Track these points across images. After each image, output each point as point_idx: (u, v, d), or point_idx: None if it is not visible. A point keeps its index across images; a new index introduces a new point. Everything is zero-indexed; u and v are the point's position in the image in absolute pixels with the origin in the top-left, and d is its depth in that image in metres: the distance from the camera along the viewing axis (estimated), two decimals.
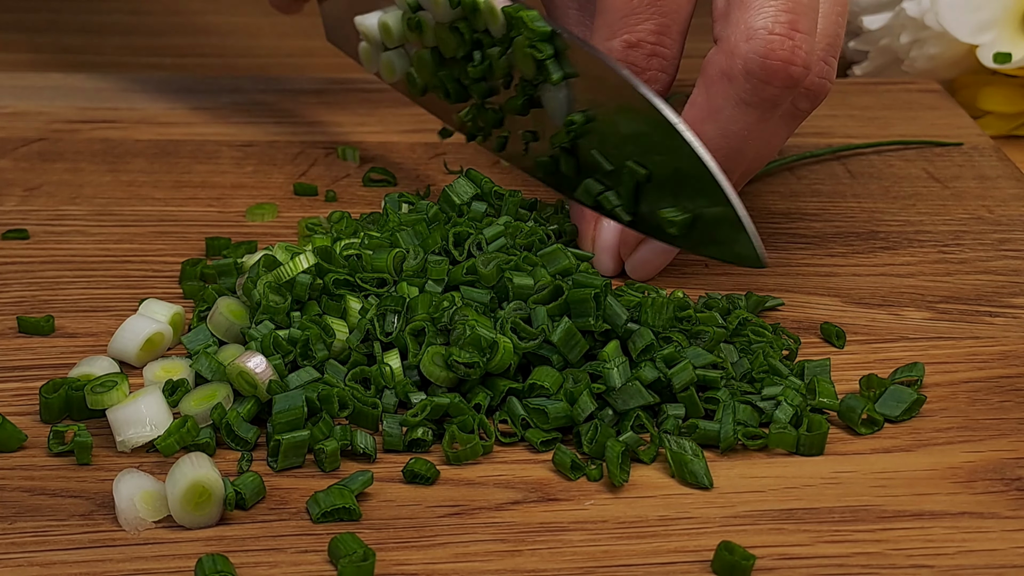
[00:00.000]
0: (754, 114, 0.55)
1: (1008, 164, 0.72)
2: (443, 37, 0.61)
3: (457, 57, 0.62)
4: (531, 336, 0.50)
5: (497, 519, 0.45)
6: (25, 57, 0.87)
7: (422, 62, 0.64)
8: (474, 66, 0.61)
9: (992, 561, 0.44)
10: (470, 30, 0.60)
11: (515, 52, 0.59)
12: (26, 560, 0.43)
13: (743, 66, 0.54)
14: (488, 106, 0.63)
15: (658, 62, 0.57)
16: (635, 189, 0.58)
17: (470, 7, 0.59)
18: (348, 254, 0.55)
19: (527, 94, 0.60)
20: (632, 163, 0.57)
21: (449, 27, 0.61)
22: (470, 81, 0.62)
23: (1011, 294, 0.60)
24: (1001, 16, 0.77)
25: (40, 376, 0.52)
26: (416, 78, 0.65)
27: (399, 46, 0.65)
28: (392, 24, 0.63)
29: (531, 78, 0.59)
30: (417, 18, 0.62)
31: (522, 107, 0.60)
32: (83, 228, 0.63)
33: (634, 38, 0.57)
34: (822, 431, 0.49)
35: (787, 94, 0.54)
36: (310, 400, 0.49)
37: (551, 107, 0.59)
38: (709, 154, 0.55)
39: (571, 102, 0.58)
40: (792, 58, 0.53)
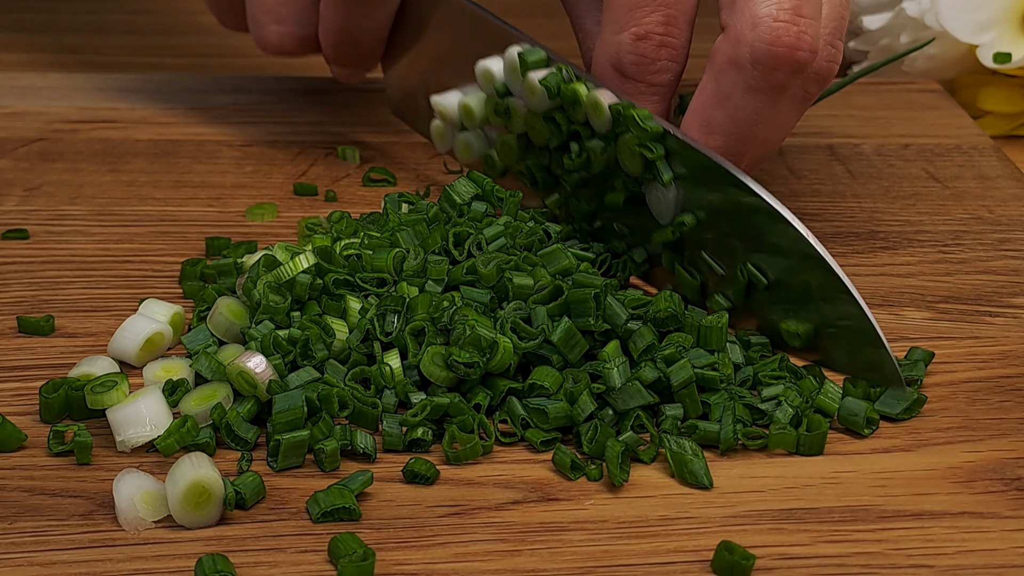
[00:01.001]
0: (762, 99, 0.55)
1: (1008, 164, 0.72)
2: (535, 126, 0.59)
3: (549, 146, 0.60)
4: (531, 336, 0.50)
5: (497, 519, 0.45)
6: (25, 57, 0.87)
7: (507, 148, 0.61)
8: (571, 159, 0.59)
9: (992, 561, 0.44)
10: (567, 121, 0.58)
11: (620, 149, 0.56)
12: (26, 560, 0.43)
13: (750, 53, 0.54)
14: (579, 196, 0.60)
15: (667, 52, 0.57)
16: (747, 292, 0.55)
17: (570, 99, 0.57)
18: (348, 254, 0.55)
19: (630, 191, 0.58)
20: (751, 267, 0.54)
21: (543, 117, 0.59)
22: (562, 172, 0.60)
23: (1011, 294, 0.60)
24: (1001, 16, 0.77)
25: (40, 376, 0.52)
26: (497, 161, 0.62)
27: (479, 128, 0.62)
28: (475, 107, 0.61)
29: (636, 175, 0.57)
30: (506, 104, 0.60)
31: (623, 205, 0.58)
32: (83, 228, 0.63)
33: (642, 30, 0.57)
34: (822, 431, 0.49)
35: (794, 79, 0.55)
36: (310, 400, 0.49)
37: (657, 207, 0.57)
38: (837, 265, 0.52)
39: (680, 202, 0.56)
40: (798, 44, 0.54)
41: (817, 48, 0.55)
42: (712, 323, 0.52)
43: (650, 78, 0.57)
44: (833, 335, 0.53)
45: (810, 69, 0.55)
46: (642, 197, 0.57)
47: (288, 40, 0.67)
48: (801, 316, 0.54)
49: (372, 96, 0.78)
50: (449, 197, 0.58)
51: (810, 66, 0.55)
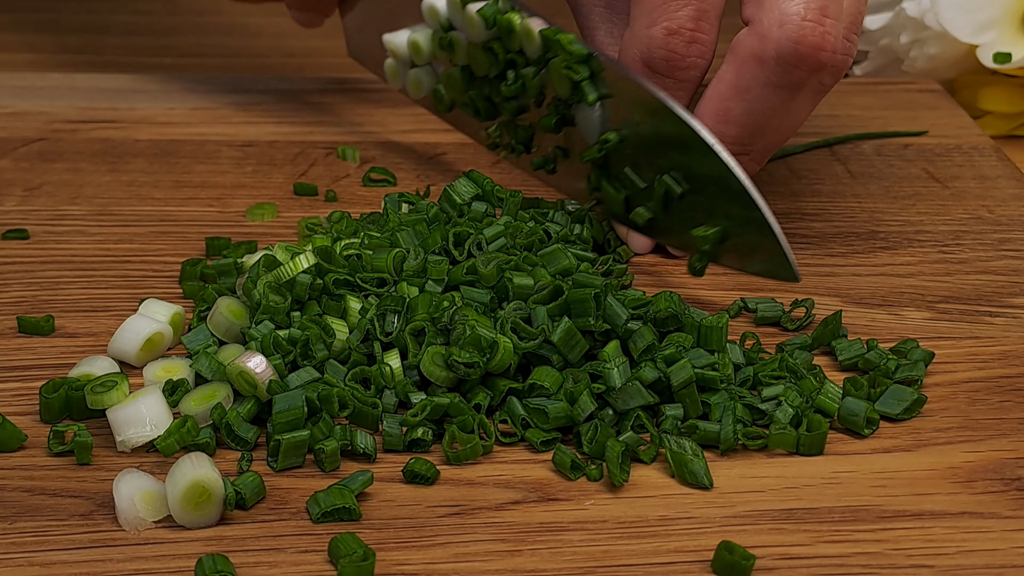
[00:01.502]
0: (781, 95, 0.57)
1: (1008, 164, 0.72)
2: (476, 56, 0.62)
3: (489, 76, 0.63)
4: (531, 336, 0.50)
5: (497, 519, 0.45)
6: (25, 57, 0.87)
7: (452, 80, 0.64)
8: (507, 85, 0.62)
9: (992, 561, 0.44)
10: (504, 50, 0.61)
11: (550, 73, 0.60)
12: (26, 560, 0.43)
13: (775, 50, 0.56)
14: (518, 123, 0.64)
15: (697, 48, 0.58)
16: (665, 203, 0.59)
17: (505, 28, 0.60)
18: (348, 254, 0.55)
19: (560, 113, 0.61)
20: (668, 178, 0.58)
21: (482, 47, 0.62)
22: (501, 99, 0.63)
23: (1011, 294, 0.60)
24: (1001, 16, 0.77)
25: (40, 376, 0.52)
26: (444, 95, 0.66)
27: (427, 63, 0.66)
28: (422, 42, 0.64)
29: (566, 98, 0.60)
30: (449, 37, 0.63)
31: (555, 126, 0.61)
32: (83, 228, 0.63)
33: (674, 25, 0.58)
34: (822, 431, 0.49)
35: (813, 77, 0.56)
36: (310, 400, 0.49)
37: (585, 126, 0.60)
38: (742, 170, 0.56)
39: (605, 121, 0.59)
40: (822, 44, 0.55)
41: (839, 48, 0.56)
42: (712, 323, 0.52)
43: (679, 74, 0.59)
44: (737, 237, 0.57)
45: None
46: (572, 119, 0.60)
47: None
48: (710, 221, 0.57)
49: (372, 96, 0.78)
50: (449, 197, 0.59)
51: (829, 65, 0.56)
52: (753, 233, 0.56)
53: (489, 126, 0.65)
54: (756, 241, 0.56)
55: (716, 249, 0.58)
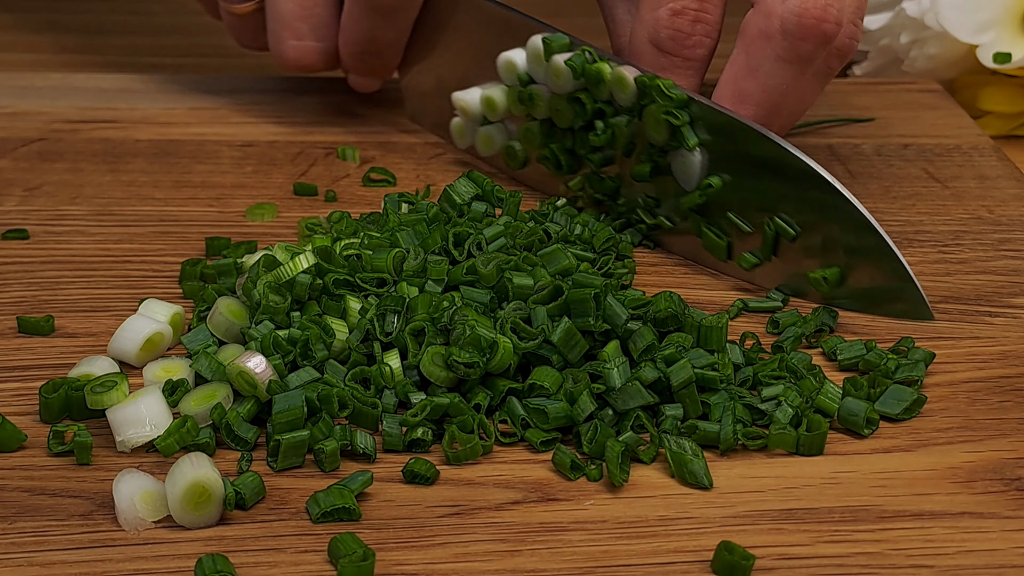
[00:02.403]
0: (791, 70, 0.58)
1: (1008, 164, 0.72)
2: (560, 108, 0.62)
3: (573, 128, 0.62)
4: (531, 336, 0.50)
5: (497, 519, 0.45)
6: (25, 57, 0.87)
7: (530, 135, 0.64)
8: (596, 135, 0.61)
9: (992, 561, 0.44)
10: (591, 100, 0.61)
11: (646, 120, 0.59)
12: (26, 560, 0.43)
13: (780, 25, 0.58)
14: (603, 175, 0.63)
15: (702, 27, 0.60)
16: (774, 246, 0.58)
17: (594, 78, 0.60)
18: (348, 254, 0.55)
19: (654, 161, 0.60)
20: (779, 220, 0.57)
21: (568, 98, 0.61)
22: (586, 151, 0.62)
23: (1011, 294, 0.60)
24: (1001, 16, 0.77)
25: (40, 376, 0.52)
26: (518, 151, 0.65)
27: (500, 120, 0.65)
28: (498, 99, 0.64)
29: (661, 145, 0.59)
30: (529, 91, 0.62)
31: (649, 174, 0.60)
32: (83, 228, 0.63)
33: (679, 5, 0.60)
34: (822, 431, 0.49)
35: (821, 50, 0.58)
36: (310, 400, 0.49)
37: (683, 172, 0.59)
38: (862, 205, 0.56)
39: (705, 166, 0.59)
40: (825, 15, 0.57)
41: (842, 21, 0.58)
42: (712, 323, 0.52)
43: (686, 52, 0.60)
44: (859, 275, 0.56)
45: (833, 44, 0.58)
46: (666, 167, 0.60)
47: (308, 55, 0.69)
48: (827, 262, 0.57)
49: (372, 96, 0.78)
50: (449, 197, 0.59)
51: (835, 39, 0.58)
52: (877, 268, 0.55)
53: (570, 179, 0.64)
54: (881, 277, 0.55)
55: (837, 292, 0.57)
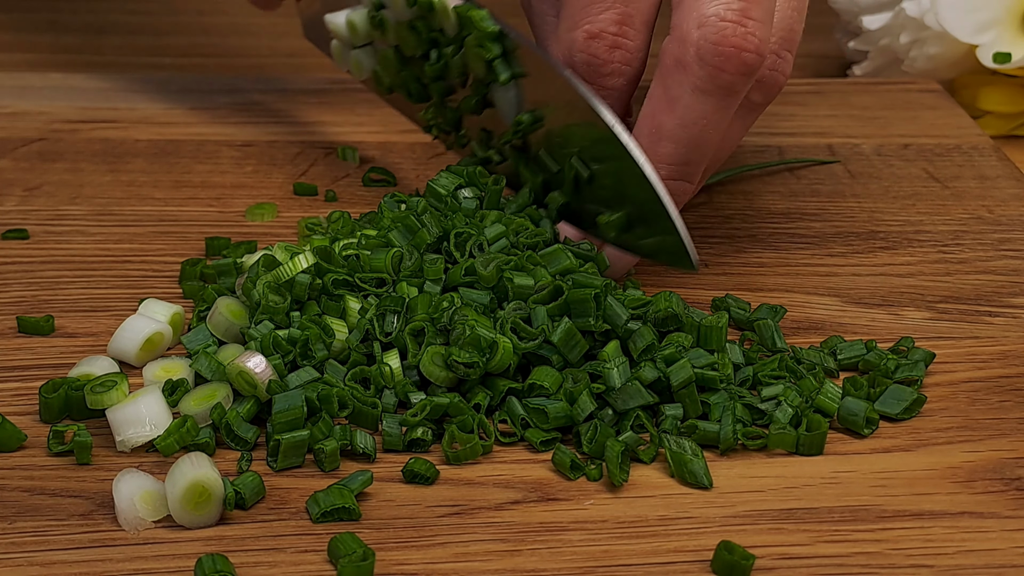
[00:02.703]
0: (711, 102, 0.54)
1: (1008, 164, 0.72)
2: (403, 36, 0.62)
3: (417, 56, 0.63)
4: (531, 336, 0.50)
5: (497, 519, 0.45)
6: (25, 57, 0.87)
7: (386, 60, 0.65)
8: (431, 65, 0.62)
9: (992, 561, 0.44)
10: (427, 29, 0.61)
11: (466, 51, 0.59)
12: (26, 560, 0.43)
13: (696, 52, 0.53)
14: (448, 105, 0.64)
15: (621, 54, 0.56)
16: (575, 188, 0.58)
17: (426, 6, 0.60)
18: (347, 254, 0.55)
19: (480, 93, 0.61)
20: (575, 161, 0.57)
21: (408, 26, 0.62)
22: (428, 80, 0.63)
23: (1011, 294, 0.60)
24: (1001, 16, 0.77)
25: (40, 376, 0.52)
26: (383, 76, 0.66)
27: (367, 44, 0.66)
28: (358, 22, 0.64)
29: (482, 78, 0.60)
30: (380, 16, 0.63)
31: (476, 106, 0.61)
32: (83, 228, 0.63)
33: (595, 28, 0.56)
34: (822, 431, 0.49)
35: (742, 81, 0.54)
36: (310, 400, 0.49)
37: (502, 106, 0.60)
38: (645, 156, 0.55)
39: (521, 102, 0.59)
40: (745, 44, 0.53)
41: (765, 51, 0.54)
42: (712, 323, 0.52)
43: (602, 80, 0.57)
44: (641, 226, 0.56)
45: (755, 77, 0.54)
46: (492, 100, 0.60)
47: None
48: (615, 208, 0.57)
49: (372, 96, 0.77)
50: (433, 191, 0.59)
51: (757, 69, 0.54)
52: (655, 220, 0.55)
53: (423, 108, 0.65)
54: (658, 228, 0.55)
55: (621, 237, 0.57)
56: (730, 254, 0.62)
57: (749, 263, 0.62)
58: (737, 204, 0.67)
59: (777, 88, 0.56)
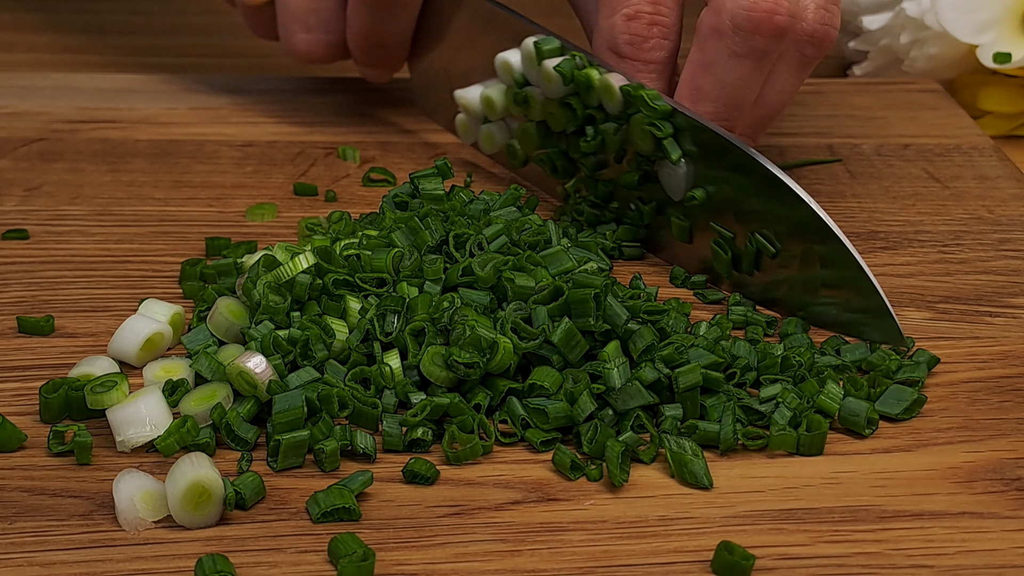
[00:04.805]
0: (747, 64, 0.58)
1: (1008, 164, 0.72)
2: (552, 112, 0.62)
3: (566, 132, 0.62)
4: (531, 336, 0.50)
5: (497, 519, 0.45)
6: (25, 57, 0.87)
7: (527, 136, 0.64)
8: (587, 141, 0.61)
9: (992, 561, 0.44)
10: (582, 106, 0.61)
11: (632, 129, 0.59)
12: (26, 560, 0.43)
13: (730, 20, 0.57)
14: (597, 178, 0.63)
15: (659, 30, 0.60)
16: (756, 262, 0.58)
17: (584, 84, 0.60)
18: (348, 254, 0.55)
19: (643, 169, 0.60)
20: (760, 237, 0.57)
21: (559, 103, 0.61)
22: (579, 155, 0.63)
23: (1011, 294, 0.60)
24: (1001, 16, 0.77)
25: (40, 376, 0.52)
26: (518, 150, 0.65)
27: (501, 119, 0.65)
28: (496, 98, 0.64)
29: (648, 154, 0.59)
30: (524, 93, 0.62)
31: (638, 183, 0.60)
32: (83, 228, 0.63)
33: (632, 10, 0.60)
34: (822, 431, 0.49)
35: (775, 43, 0.58)
36: (310, 400, 0.49)
37: (669, 183, 0.59)
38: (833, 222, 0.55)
39: (690, 178, 0.58)
40: (776, 8, 0.57)
41: (796, 12, 0.57)
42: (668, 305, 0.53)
43: (645, 55, 0.60)
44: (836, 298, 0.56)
45: (802, 32, 0.58)
46: (655, 175, 0.60)
47: (317, 47, 0.70)
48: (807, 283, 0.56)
49: (372, 96, 0.78)
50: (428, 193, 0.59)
51: (796, 29, 0.58)
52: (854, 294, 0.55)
53: (566, 182, 0.64)
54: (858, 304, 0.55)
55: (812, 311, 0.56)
56: None
57: None
58: None
59: (829, 41, 0.59)
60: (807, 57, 0.59)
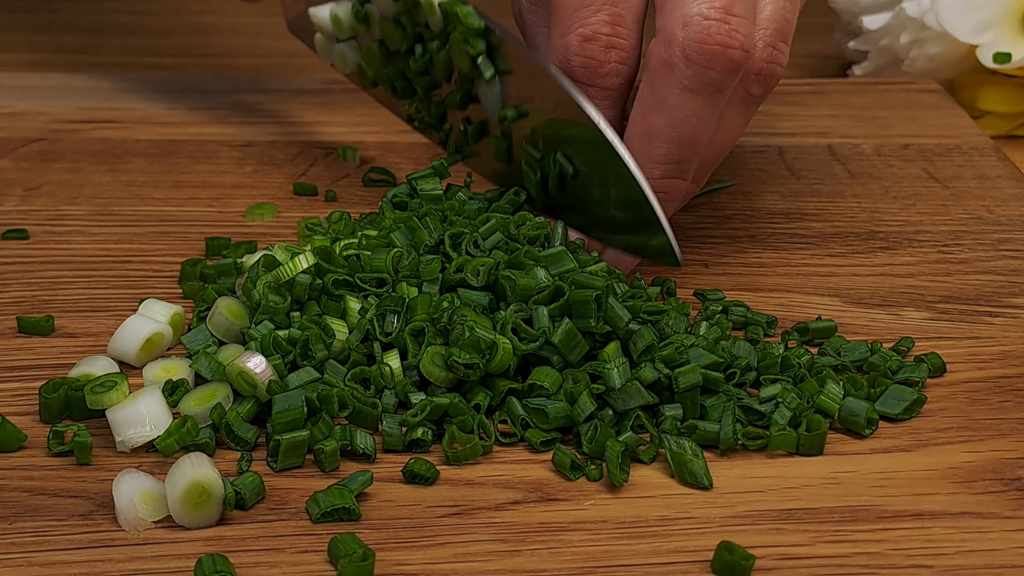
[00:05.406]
0: (699, 100, 0.55)
1: (1008, 164, 0.72)
2: (388, 30, 0.63)
3: (401, 51, 0.63)
4: (531, 337, 0.50)
5: (497, 519, 0.45)
6: (25, 57, 0.87)
7: (370, 55, 0.65)
8: (415, 60, 0.62)
9: (992, 561, 0.44)
10: (412, 24, 0.61)
11: (451, 47, 0.60)
12: (26, 560, 0.43)
13: (682, 52, 0.54)
14: (432, 99, 0.64)
15: (616, 54, 0.56)
16: (560, 183, 0.58)
17: (411, 1, 0.60)
18: (347, 254, 0.55)
19: (465, 89, 0.61)
20: (560, 157, 0.58)
21: (393, 20, 0.62)
22: (413, 75, 0.63)
23: (1011, 294, 0.60)
24: (1001, 16, 0.77)
25: (40, 376, 0.52)
26: (367, 70, 0.66)
27: (351, 38, 0.66)
28: (342, 16, 0.64)
29: (467, 73, 0.60)
30: (364, 10, 0.63)
31: (460, 101, 0.62)
32: (83, 228, 0.63)
33: (589, 31, 0.56)
34: (822, 431, 0.49)
35: (729, 78, 0.54)
36: (310, 400, 0.49)
37: (486, 102, 0.60)
38: (627, 151, 0.55)
39: (505, 97, 0.59)
40: (730, 41, 0.54)
41: (750, 47, 0.54)
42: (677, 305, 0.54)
43: (600, 81, 0.57)
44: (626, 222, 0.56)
45: (751, 70, 0.55)
46: (477, 95, 0.60)
47: None
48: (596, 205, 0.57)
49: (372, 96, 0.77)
50: (426, 193, 0.59)
51: (744, 65, 0.54)
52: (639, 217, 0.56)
53: (407, 102, 0.65)
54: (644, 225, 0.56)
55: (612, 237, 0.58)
56: (730, 254, 0.62)
57: (749, 263, 0.62)
58: (737, 204, 0.67)
59: (775, 79, 0.57)
60: (752, 96, 0.57)
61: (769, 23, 0.56)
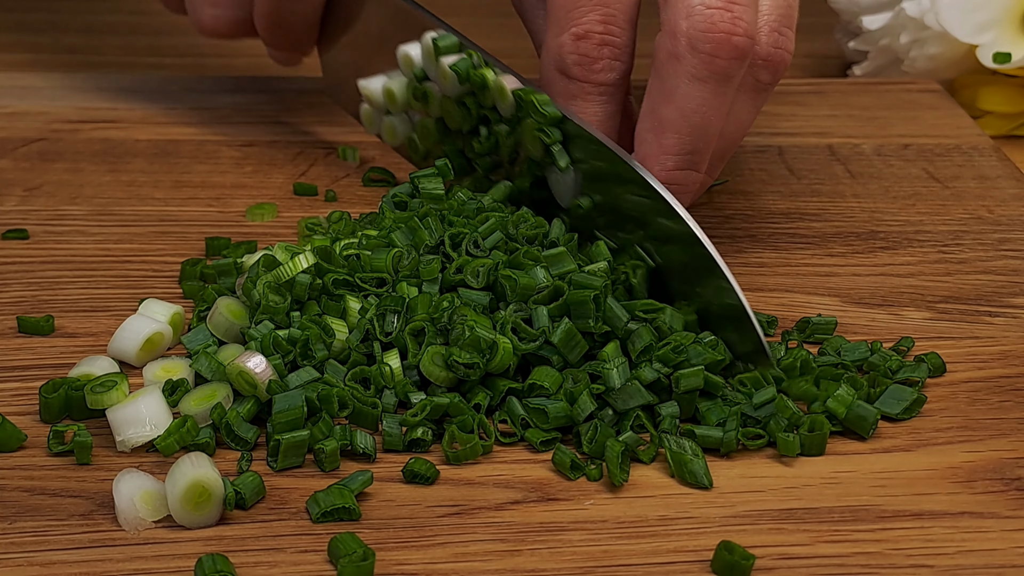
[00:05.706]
0: (708, 89, 0.55)
1: (1008, 164, 0.72)
2: (449, 109, 0.61)
3: (463, 130, 0.62)
4: (531, 337, 0.50)
5: (497, 519, 0.45)
6: (25, 57, 0.87)
7: (426, 131, 0.64)
8: (480, 142, 0.61)
9: (992, 561, 0.44)
10: (477, 106, 0.60)
11: (523, 133, 0.58)
12: (26, 560, 0.43)
13: (687, 42, 0.54)
14: (492, 179, 0.62)
15: (609, 51, 0.57)
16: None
17: (479, 84, 0.59)
18: (348, 254, 0.55)
19: (534, 174, 0.60)
20: (640, 249, 0.56)
21: (456, 101, 0.61)
22: (474, 155, 0.62)
23: (1011, 294, 0.60)
24: (1001, 16, 0.77)
25: (40, 376, 0.52)
26: (419, 144, 0.65)
27: (402, 112, 0.65)
28: (397, 91, 0.64)
29: (538, 160, 0.59)
30: (423, 89, 0.62)
31: (529, 188, 0.60)
32: (83, 228, 0.63)
33: (581, 30, 0.57)
34: (823, 432, 0.49)
35: (736, 65, 0.55)
36: (310, 400, 0.49)
37: (558, 189, 0.59)
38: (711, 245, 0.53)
39: (578, 185, 0.58)
40: (734, 29, 0.54)
41: (754, 34, 0.55)
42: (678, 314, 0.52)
43: (594, 77, 0.57)
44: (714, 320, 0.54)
45: (757, 56, 0.56)
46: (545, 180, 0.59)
47: (223, 23, 0.69)
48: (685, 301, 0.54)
49: None
50: (428, 192, 0.59)
51: (750, 52, 0.55)
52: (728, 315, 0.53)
53: (463, 180, 0.64)
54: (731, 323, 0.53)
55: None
56: (730, 254, 0.62)
57: (749, 263, 0.62)
58: (737, 204, 0.67)
59: (783, 65, 0.57)
60: (761, 83, 0.57)
61: (772, 9, 0.57)
